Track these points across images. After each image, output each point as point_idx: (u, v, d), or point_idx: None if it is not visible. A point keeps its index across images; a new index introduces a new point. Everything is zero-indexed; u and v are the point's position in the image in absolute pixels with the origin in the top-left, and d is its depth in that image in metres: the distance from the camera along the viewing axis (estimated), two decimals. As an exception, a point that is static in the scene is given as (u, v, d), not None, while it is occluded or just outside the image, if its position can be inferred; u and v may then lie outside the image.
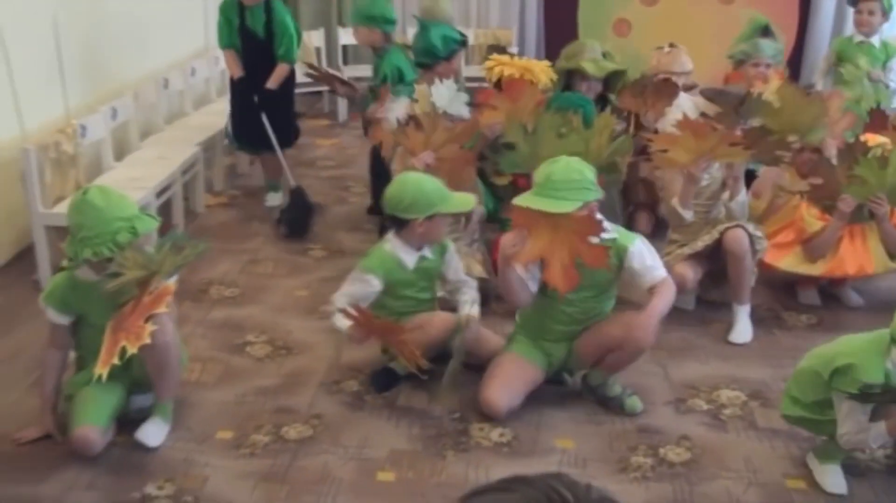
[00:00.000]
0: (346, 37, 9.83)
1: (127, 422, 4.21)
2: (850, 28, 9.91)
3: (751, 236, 5.11)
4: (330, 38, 9.94)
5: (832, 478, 3.92)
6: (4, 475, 3.86)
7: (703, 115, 5.39)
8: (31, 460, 3.95)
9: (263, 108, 6.67)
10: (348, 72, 9.54)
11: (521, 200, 4.16)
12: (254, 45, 6.69)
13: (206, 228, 6.61)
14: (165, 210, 6.25)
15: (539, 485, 0.92)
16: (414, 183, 4.53)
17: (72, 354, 4.22)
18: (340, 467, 3.96)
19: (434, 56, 6.00)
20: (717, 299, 5.42)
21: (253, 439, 4.12)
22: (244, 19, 6.63)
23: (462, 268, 4.78)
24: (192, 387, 4.52)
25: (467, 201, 4.75)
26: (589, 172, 4.20)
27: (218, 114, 7.67)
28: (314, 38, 9.82)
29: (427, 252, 4.60)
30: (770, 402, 4.53)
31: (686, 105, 5.55)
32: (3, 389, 4.42)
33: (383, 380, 4.64)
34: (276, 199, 7.06)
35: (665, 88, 5.85)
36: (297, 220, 6.50)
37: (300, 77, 9.32)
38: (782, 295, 5.52)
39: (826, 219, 5.25)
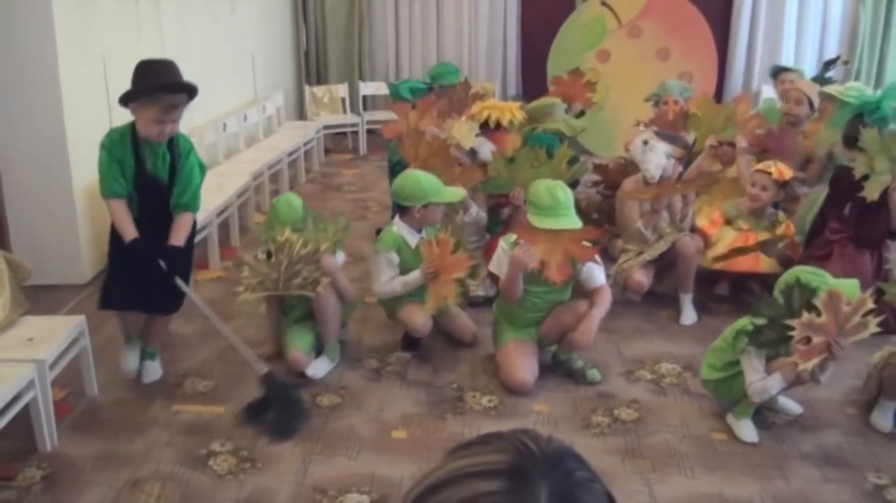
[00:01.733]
0: (366, 89, 9.87)
1: (185, 396, 4.22)
2: (754, 81, 9.99)
3: (695, 241, 5.21)
4: (353, 90, 9.96)
5: (746, 430, 3.94)
6: (104, 436, 3.85)
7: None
8: (123, 424, 3.95)
9: (174, 271, 4.05)
10: (367, 116, 9.58)
11: (543, 224, 4.18)
12: (153, 193, 4.04)
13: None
14: (224, 227, 6.25)
15: (510, 438, 0.93)
16: (413, 178, 4.64)
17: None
18: (363, 427, 3.96)
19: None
20: (661, 291, 5.42)
21: None
22: (141, 160, 3.99)
23: None
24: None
25: (457, 194, 4.78)
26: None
27: (265, 150, 7.72)
28: (340, 91, 9.83)
29: (425, 233, 4.70)
30: (699, 373, 4.52)
31: (661, 147, 5.59)
32: (103, 367, 4.41)
33: (410, 343, 4.78)
34: (155, 372, 4.44)
35: None
36: (283, 420, 3.94)
37: (329, 119, 9.39)
38: (706, 288, 5.51)
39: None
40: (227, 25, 8.04)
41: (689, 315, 5.21)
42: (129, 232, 3.98)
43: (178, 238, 4.08)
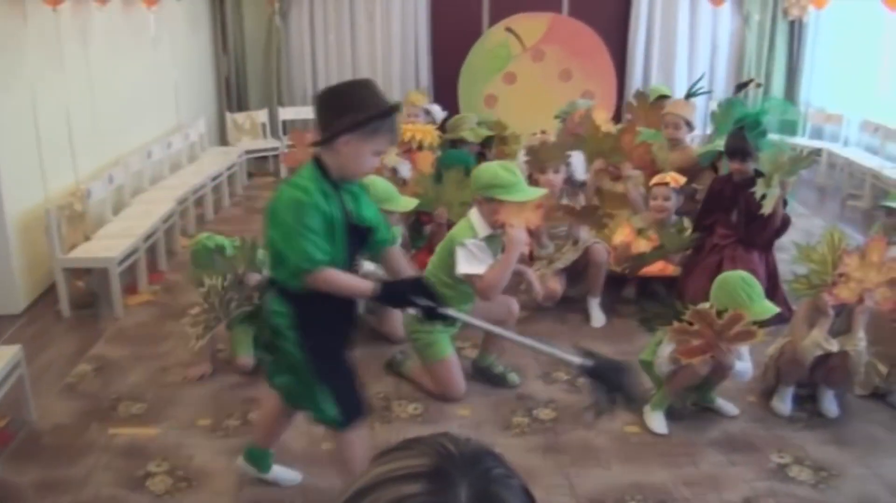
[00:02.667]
0: (285, 114, 9.80)
1: (120, 419, 4.13)
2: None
3: (606, 249, 5.29)
4: (272, 115, 9.89)
5: (656, 422, 4.03)
6: (45, 463, 3.73)
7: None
8: (62, 450, 3.83)
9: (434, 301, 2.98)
10: (287, 141, 9.49)
11: (524, 196, 4.01)
12: (359, 241, 3.09)
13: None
14: (151, 251, 6.13)
15: (430, 441, 0.93)
16: (370, 183, 4.57)
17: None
18: (294, 441, 3.89)
19: None
20: (572, 295, 5.47)
21: None
22: (345, 206, 2.94)
23: None
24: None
25: (408, 204, 4.77)
26: None
27: (189, 175, 7.62)
28: (260, 116, 9.75)
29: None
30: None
31: (578, 158, 5.69)
32: (41, 394, 4.30)
33: None
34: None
35: None
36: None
37: (251, 144, 9.30)
38: (613, 292, 5.58)
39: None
40: (151, 56, 7.92)
41: (597, 318, 5.27)
42: (364, 284, 2.99)
43: (410, 268, 3.41)
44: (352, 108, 2.82)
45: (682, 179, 5.48)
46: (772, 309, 3.90)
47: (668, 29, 10.16)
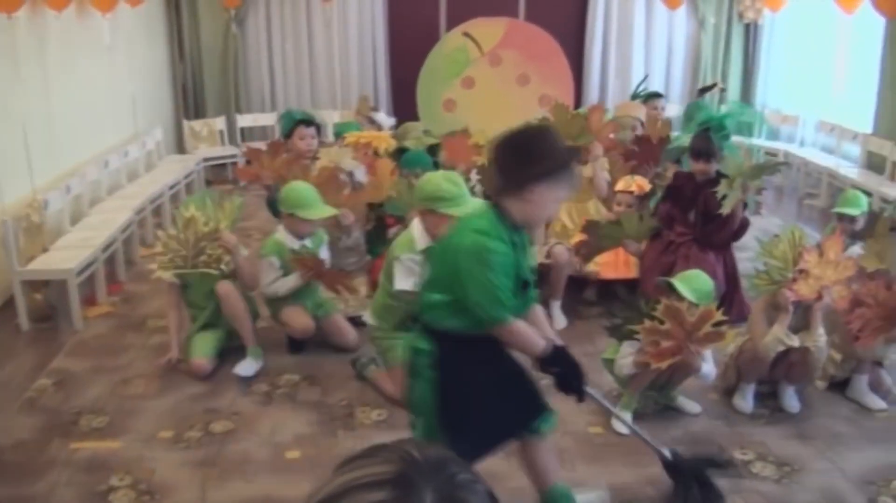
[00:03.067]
0: (243, 121, 9.75)
1: (82, 433, 4.08)
2: (608, 104, 10.28)
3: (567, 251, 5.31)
4: (230, 123, 9.82)
5: (621, 422, 4.00)
6: (7, 480, 3.65)
7: None
8: (24, 467, 3.75)
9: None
10: (245, 148, 9.42)
11: (462, 211, 3.77)
12: (524, 292, 2.95)
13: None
14: (109, 262, 6.06)
15: (394, 448, 0.93)
16: (290, 187, 4.80)
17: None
18: (257, 451, 3.88)
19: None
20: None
21: None
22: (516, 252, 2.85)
23: (328, 257, 4.90)
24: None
25: (326, 211, 4.76)
26: None
27: (147, 185, 7.54)
28: (218, 124, 9.68)
29: (308, 242, 4.78)
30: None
31: None
32: (1, 410, 4.23)
33: (294, 343, 4.90)
34: None
35: None
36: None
37: (208, 152, 9.23)
38: (575, 294, 5.61)
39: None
40: (107, 65, 7.84)
41: (559, 320, 5.29)
42: (540, 343, 2.93)
43: (549, 330, 3.24)
44: (541, 158, 2.80)
45: (648, 186, 5.54)
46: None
47: (625, 33, 10.24)
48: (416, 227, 4.13)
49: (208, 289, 4.69)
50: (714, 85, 7.76)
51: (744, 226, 5.27)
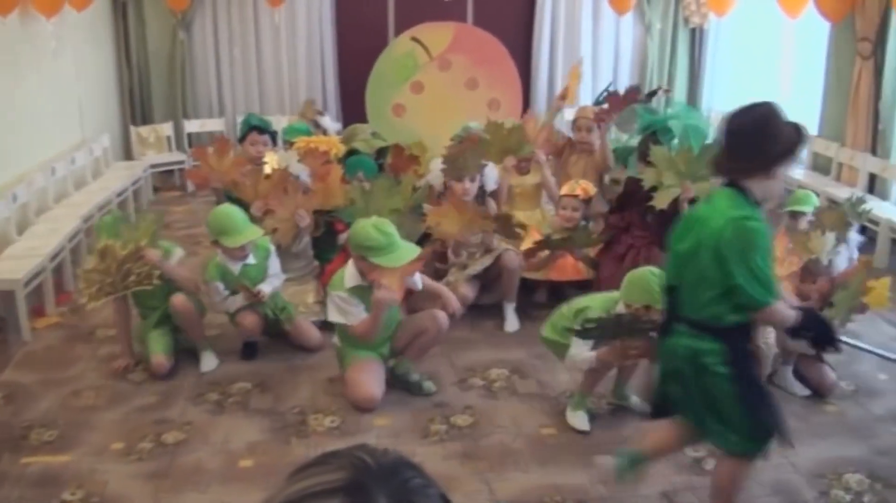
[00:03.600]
0: (191, 126, 9.64)
1: (32, 447, 4.02)
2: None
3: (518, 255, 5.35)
4: (178, 128, 9.71)
5: (579, 420, 4.14)
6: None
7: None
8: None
9: None
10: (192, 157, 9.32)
11: (395, 262, 4.13)
12: None
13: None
14: (57, 271, 5.95)
15: (346, 455, 0.93)
16: (212, 213, 4.82)
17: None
18: (210, 460, 3.85)
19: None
20: (486, 302, 5.51)
21: None
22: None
23: (279, 266, 4.92)
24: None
25: (252, 233, 4.72)
26: None
27: (94, 192, 7.44)
28: (165, 129, 9.57)
29: (251, 259, 4.77)
30: (526, 374, 4.65)
31: (490, 169, 5.74)
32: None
33: (249, 351, 4.90)
34: None
35: None
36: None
37: (156, 158, 9.13)
38: (526, 296, 5.63)
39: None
40: (52, 70, 7.70)
41: (512, 322, 5.33)
42: (791, 313, 3.03)
43: None
44: (782, 137, 2.92)
45: (593, 190, 5.60)
46: None
47: (572, 37, 10.31)
48: (350, 266, 4.31)
49: (161, 292, 4.69)
50: (659, 88, 7.84)
51: None
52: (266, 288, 4.73)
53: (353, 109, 8.72)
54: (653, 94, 7.02)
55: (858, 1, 7.19)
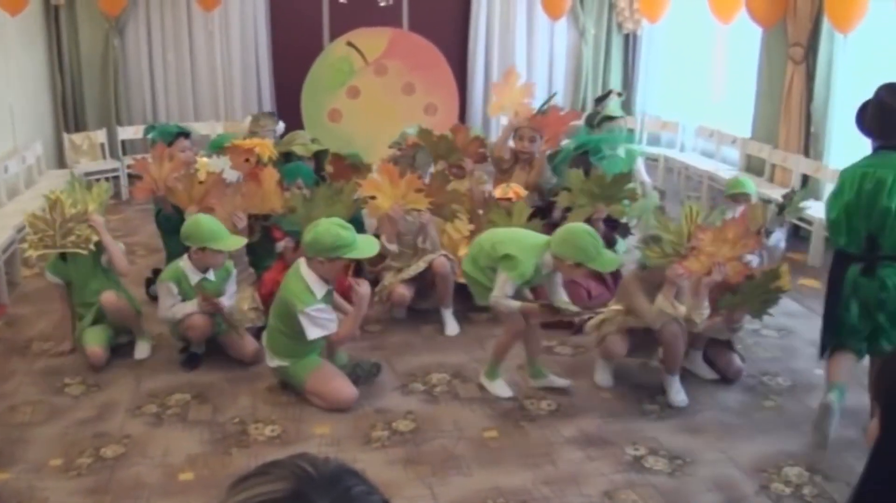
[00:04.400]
0: (125, 133, 9.47)
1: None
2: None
3: (450, 261, 5.35)
4: (111, 135, 9.52)
5: (500, 388, 4.46)
6: None
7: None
8: None
9: None
10: (128, 160, 9.16)
11: (365, 253, 4.36)
12: None
13: None
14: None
15: (287, 464, 0.92)
16: (195, 221, 4.73)
17: None
18: (149, 474, 3.76)
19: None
20: (425, 307, 5.50)
21: None
22: None
23: (234, 290, 4.90)
24: None
25: (237, 242, 4.80)
26: None
27: (28, 201, 7.26)
28: (99, 136, 9.37)
29: (210, 275, 4.74)
30: (467, 378, 4.65)
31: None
32: None
33: (192, 362, 4.82)
34: None
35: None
36: None
37: (90, 165, 8.95)
38: (465, 300, 5.63)
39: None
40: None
41: (451, 327, 5.33)
42: None
43: None
44: None
45: (524, 193, 5.64)
46: (616, 260, 4.40)
47: (507, 42, 10.37)
48: (308, 275, 4.24)
49: (93, 290, 4.85)
50: (611, 92, 7.94)
51: (625, 231, 5.70)
52: (226, 301, 4.72)
53: (289, 115, 8.65)
54: (604, 97, 7.07)
55: (790, 7, 7.35)
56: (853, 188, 3.74)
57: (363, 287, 4.24)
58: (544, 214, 5.68)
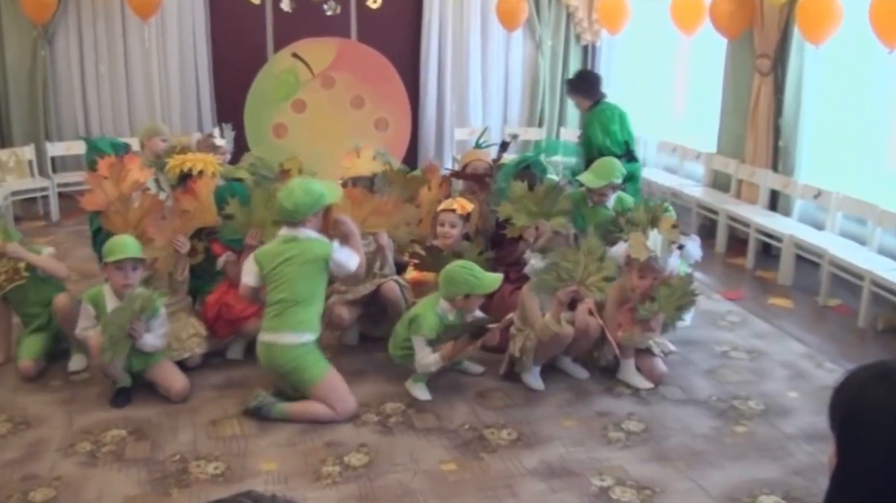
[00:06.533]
0: (55, 149, 9.31)
1: None
2: (446, 125, 10.43)
3: (401, 286, 5.34)
4: (40, 152, 9.35)
5: (419, 391, 4.76)
6: None
7: None
8: None
9: None
10: (58, 179, 9.02)
11: (335, 197, 4.76)
12: None
13: None
14: None
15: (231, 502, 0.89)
16: (115, 238, 4.81)
17: None
18: None
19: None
20: (378, 335, 5.44)
21: None
22: None
23: (163, 333, 4.75)
24: None
25: (126, 252, 4.65)
26: None
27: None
28: (26, 153, 9.19)
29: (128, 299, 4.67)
30: (423, 408, 4.61)
31: None
32: None
33: (120, 398, 4.70)
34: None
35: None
36: None
37: (17, 184, 8.78)
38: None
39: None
40: None
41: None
42: None
43: None
44: None
45: (470, 206, 5.62)
46: (498, 278, 4.77)
47: (460, 54, 10.41)
48: (311, 230, 4.59)
49: (42, 299, 5.03)
50: (515, 136, 8.02)
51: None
52: (149, 338, 4.60)
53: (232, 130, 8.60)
54: (505, 145, 7.08)
55: (757, 17, 7.45)
56: None
57: (350, 222, 4.69)
58: (495, 244, 5.79)
